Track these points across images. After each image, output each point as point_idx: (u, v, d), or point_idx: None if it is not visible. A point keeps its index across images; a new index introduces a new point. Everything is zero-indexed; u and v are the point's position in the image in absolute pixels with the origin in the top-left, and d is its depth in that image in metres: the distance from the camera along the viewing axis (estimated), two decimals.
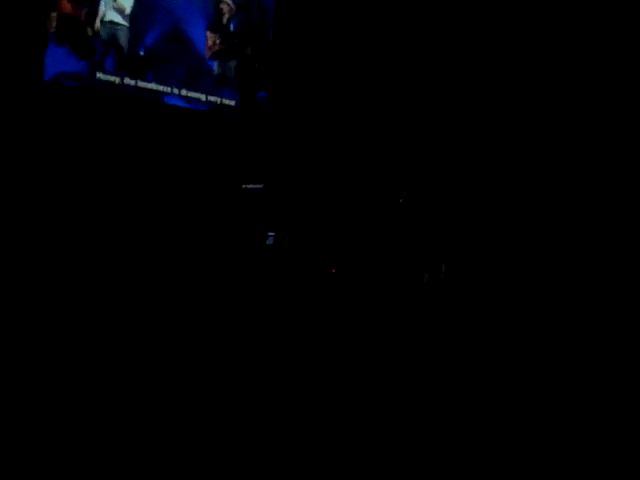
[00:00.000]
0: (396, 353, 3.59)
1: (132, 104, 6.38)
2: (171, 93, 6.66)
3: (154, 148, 6.31)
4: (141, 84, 6.40)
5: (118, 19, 6.25)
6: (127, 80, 6.31)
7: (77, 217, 5.56)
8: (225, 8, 7.11)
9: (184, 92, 6.75)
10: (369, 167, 7.25)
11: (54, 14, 5.77)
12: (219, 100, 7.03)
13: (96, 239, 5.52)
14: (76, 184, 5.69)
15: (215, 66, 7.04)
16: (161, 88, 6.55)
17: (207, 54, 6.96)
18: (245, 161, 7.07)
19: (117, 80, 6.22)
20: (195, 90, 6.82)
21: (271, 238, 6.73)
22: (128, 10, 6.30)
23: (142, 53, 6.44)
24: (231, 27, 7.17)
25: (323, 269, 6.20)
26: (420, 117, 7.09)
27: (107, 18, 6.17)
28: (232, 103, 7.16)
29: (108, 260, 5.34)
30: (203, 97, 6.91)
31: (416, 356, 3.48)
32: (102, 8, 6.10)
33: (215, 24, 7.04)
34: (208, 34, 6.98)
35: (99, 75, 6.11)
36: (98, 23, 6.09)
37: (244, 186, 7.09)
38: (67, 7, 5.85)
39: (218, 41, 7.04)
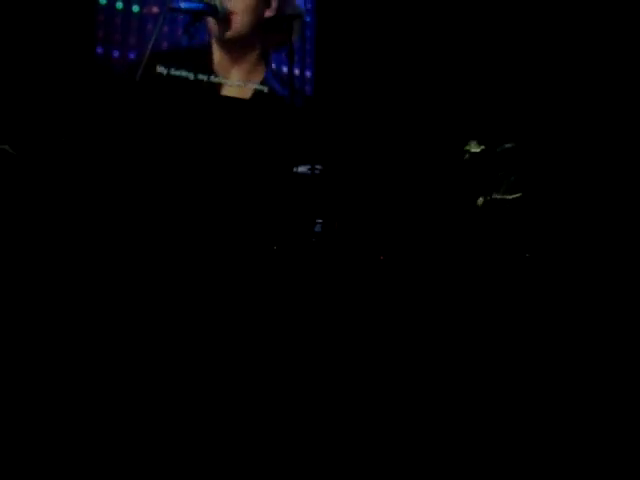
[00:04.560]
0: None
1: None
2: None
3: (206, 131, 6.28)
4: None
5: None
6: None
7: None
8: None
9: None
10: (419, 150, 6.95)
11: None
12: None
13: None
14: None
15: None
16: None
17: None
18: (292, 145, 6.88)
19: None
20: None
21: (319, 225, 6.53)
22: None
23: None
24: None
25: (371, 256, 5.96)
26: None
27: None
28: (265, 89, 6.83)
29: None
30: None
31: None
32: None
33: None
34: None
35: None
36: None
37: (294, 169, 6.86)
38: None
39: None
